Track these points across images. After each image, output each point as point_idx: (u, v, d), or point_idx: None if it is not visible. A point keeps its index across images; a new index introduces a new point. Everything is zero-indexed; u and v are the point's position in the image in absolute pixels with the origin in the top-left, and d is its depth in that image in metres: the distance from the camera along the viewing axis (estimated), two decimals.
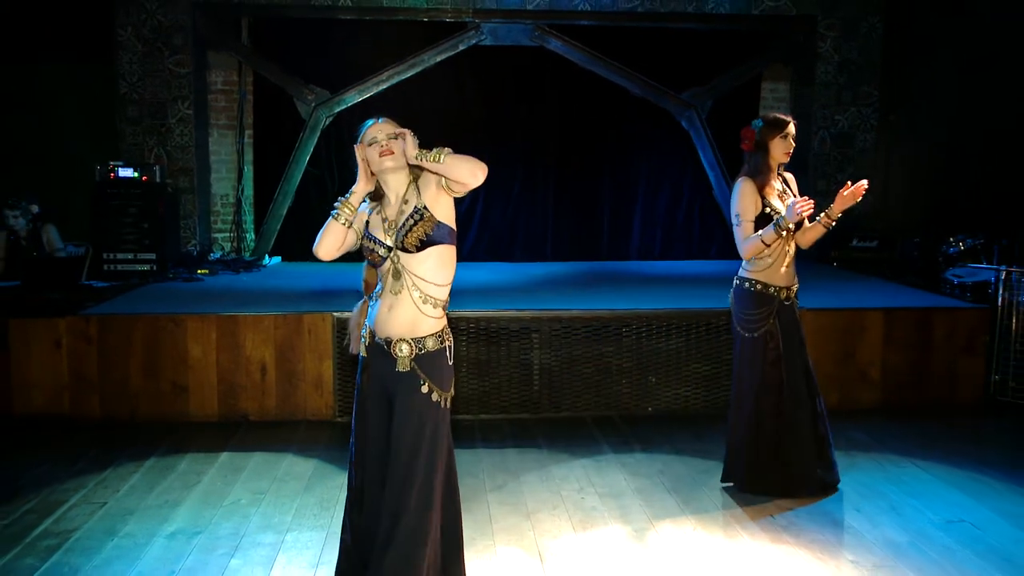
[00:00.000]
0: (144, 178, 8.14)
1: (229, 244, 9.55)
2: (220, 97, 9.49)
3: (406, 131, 3.14)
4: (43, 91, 8.99)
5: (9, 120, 8.90)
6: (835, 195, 4.42)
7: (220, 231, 9.62)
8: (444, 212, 3.17)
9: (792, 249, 4.50)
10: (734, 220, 4.40)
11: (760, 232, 4.32)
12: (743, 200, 4.38)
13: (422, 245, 3.11)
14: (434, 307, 3.18)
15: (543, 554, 3.92)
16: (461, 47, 9.27)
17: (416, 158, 3.07)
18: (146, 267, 7.98)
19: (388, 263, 3.18)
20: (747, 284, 4.48)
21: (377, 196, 3.27)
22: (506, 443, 5.53)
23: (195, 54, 8.90)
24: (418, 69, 9.26)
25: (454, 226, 3.22)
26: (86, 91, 8.98)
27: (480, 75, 9.75)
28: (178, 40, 8.75)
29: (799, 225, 4.45)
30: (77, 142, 8.87)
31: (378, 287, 3.24)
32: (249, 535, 4.11)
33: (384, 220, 3.21)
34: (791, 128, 4.46)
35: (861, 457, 5.24)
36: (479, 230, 9.84)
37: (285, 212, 9.25)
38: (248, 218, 9.65)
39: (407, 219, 3.14)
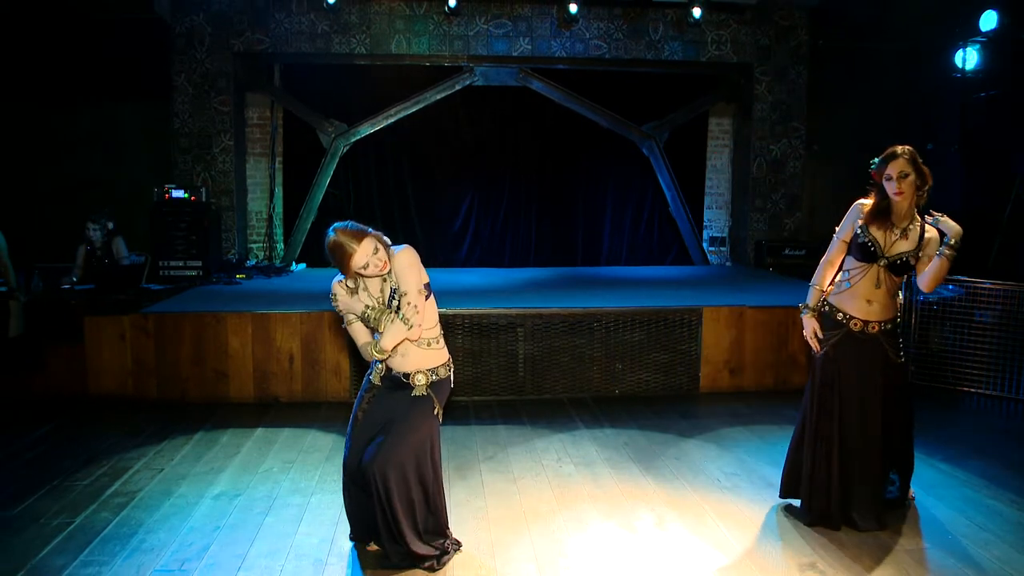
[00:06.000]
0: (193, 198, 8.14)
1: (262, 253, 9.55)
2: (255, 130, 9.49)
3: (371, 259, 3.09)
4: (112, 127, 9.00)
5: (86, 151, 8.95)
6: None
7: (255, 242, 9.60)
8: (423, 277, 3.19)
9: (886, 287, 3.64)
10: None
11: (817, 276, 3.79)
12: (845, 219, 3.70)
13: None
14: (437, 342, 3.29)
15: (527, 513, 3.96)
16: (457, 87, 9.29)
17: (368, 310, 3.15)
18: (194, 272, 7.97)
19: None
20: (823, 304, 3.79)
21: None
22: (496, 420, 5.55)
23: (235, 95, 8.89)
24: (421, 105, 9.28)
25: (426, 279, 3.20)
26: (147, 126, 9.00)
27: (473, 110, 9.76)
28: (222, 83, 8.73)
29: (901, 269, 3.61)
30: (140, 169, 8.90)
31: (376, 335, 3.23)
32: (280, 497, 4.13)
33: (368, 295, 3.22)
34: (892, 167, 3.50)
35: (790, 429, 5.28)
36: (473, 241, 9.85)
37: (309, 226, 9.24)
38: (278, 231, 9.64)
39: (391, 295, 3.18)
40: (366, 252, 3.06)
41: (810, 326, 3.81)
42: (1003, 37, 8.09)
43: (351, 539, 3.58)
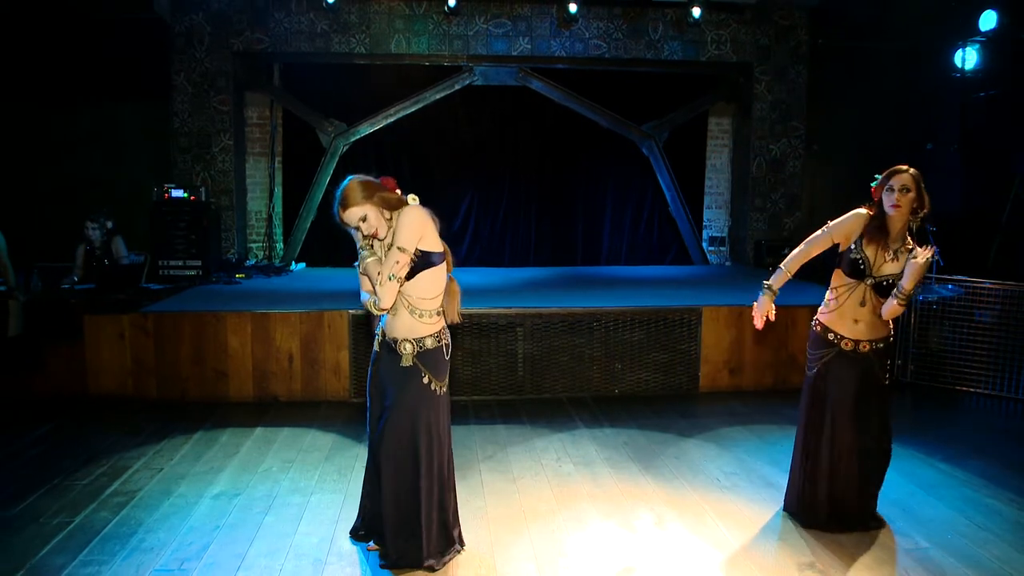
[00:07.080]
0: (192, 198, 8.13)
1: (262, 253, 9.55)
2: (255, 129, 9.50)
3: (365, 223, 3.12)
4: (112, 127, 9.02)
5: (86, 151, 8.96)
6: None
7: (255, 242, 9.60)
8: (426, 243, 3.16)
9: (871, 307, 3.63)
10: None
11: (790, 258, 3.78)
12: (843, 219, 3.66)
13: (411, 275, 3.15)
14: (429, 316, 3.25)
15: (526, 512, 3.96)
16: (457, 86, 9.30)
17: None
18: (193, 272, 7.97)
19: None
20: (813, 323, 3.82)
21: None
22: (495, 420, 5.55)
23: (235, 94, 8.89)
24: (420, 105, 9.29)
25: (438, 247, 3.20)
26: (147, 126, 9.02)
27: (473, 110, 9.76)
28: (221, 83, 8.74)
29: (885, 291, 3.58)
30: (140, 168, 8.91)
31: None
32: (280, 496, 4.14)
33: (380, 247, 3.22)
34: (895, 180, 3.49)
35: (791, 429, 5.28)
36: (472, 241, 9.85)
37: (309, 226, 9.26)
38: (278, 231, 9.64)
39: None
40: (353, 216, 3.11)
41: (764, 305, 3.82)
42: (1003, 37, 8.10)
43: (351, 537, 3.59)
